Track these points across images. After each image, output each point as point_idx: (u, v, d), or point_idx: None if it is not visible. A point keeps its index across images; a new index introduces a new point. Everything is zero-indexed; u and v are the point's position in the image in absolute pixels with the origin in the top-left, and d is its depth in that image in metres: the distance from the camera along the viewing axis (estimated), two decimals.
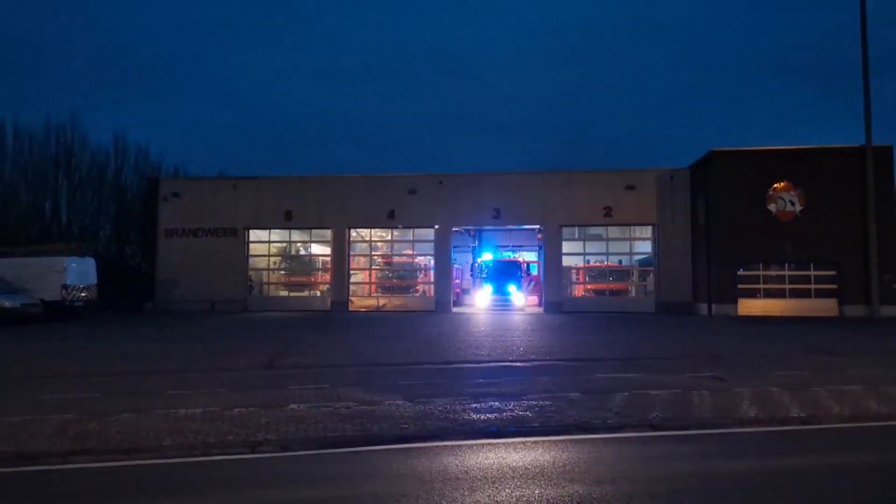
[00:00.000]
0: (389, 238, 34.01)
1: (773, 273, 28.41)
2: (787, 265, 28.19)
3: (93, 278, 27.71)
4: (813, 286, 27.86)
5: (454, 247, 33.16)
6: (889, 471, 6.06)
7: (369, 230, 33.53)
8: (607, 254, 32.51)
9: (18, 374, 11.96)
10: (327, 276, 32.90)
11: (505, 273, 32.65)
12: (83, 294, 26.77)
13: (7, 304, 23.73)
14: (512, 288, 31.99)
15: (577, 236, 32.34)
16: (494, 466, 6.12)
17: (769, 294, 28.22)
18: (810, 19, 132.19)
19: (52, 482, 5.95)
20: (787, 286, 28.18)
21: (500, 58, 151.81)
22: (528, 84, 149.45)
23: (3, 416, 8.04)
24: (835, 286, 27.50)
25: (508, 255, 35.66)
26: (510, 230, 36.35)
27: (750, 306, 27.66)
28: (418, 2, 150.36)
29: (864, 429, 7.80)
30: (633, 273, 32.58)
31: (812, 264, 27.89)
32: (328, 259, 32.86)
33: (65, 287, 25.87)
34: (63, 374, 12.00)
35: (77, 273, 26.65)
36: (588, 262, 32.68)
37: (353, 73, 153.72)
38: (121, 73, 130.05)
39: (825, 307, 27.29)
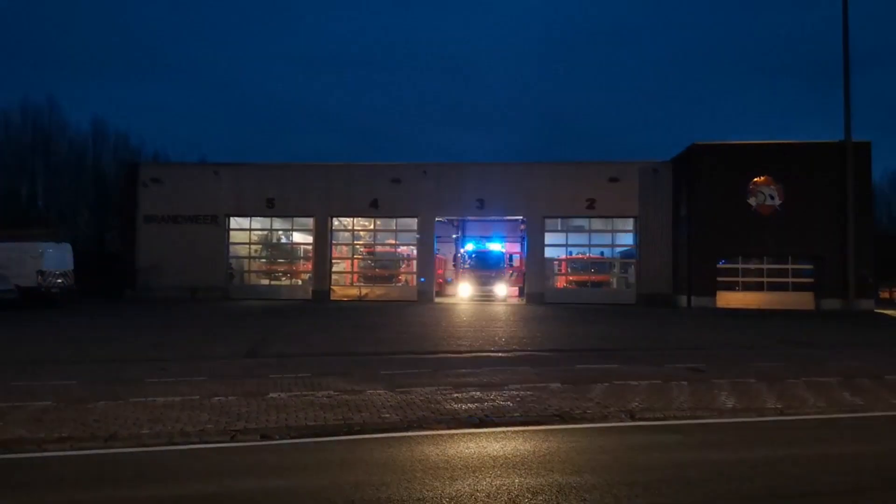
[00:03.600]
0: (372, 227, 33.88)
1: (752, 266, 28.76)
2: (765, 259, 28.55)
3: (69, 264, 27.29)
4: (791, 280, 28.26)
5: (437, 237, 33.10)
6: (864, 461, 6.16)
7: (352, 219, 33.36)
8: (590, 245, 32.66)
9: None
10: (309, 265, 32.72)
11: (488, 264, 32.69)
12: (59, 280, 26.37)
13: None
14: (494, 279, 32.04)
15: (559, 228, 32.44)
16: (475, 455, 6.14)
17: (747, 287, 28.57)
18: (794, 15, 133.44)
19: (27, 470, 5.85)
20: (766, 279, 28.57)
21: (485, 49, 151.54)
22: (512, 75, 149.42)
23: None
24: (812, 280, 27.91)
25: (491, 246, 35.65)
26: (493, 221, 36.33)
27: (728, 299, 27.98)
28: None
29: (839, 420, 7.92)
30: (614, 265, 32.79)
31: (790, 258, 28.27)
32: (310, 248, 32.66)
33: (41, 273, 25.46)
34: (39, 361, 11.82)
35: (54, 259, 26.24)
36: (570, 253, 32.81)
37: (337, 62, 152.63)
38: (100, 58, 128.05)
39: (802, 300, 27.69)
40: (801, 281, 28.07)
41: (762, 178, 27.83)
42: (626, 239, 31.99)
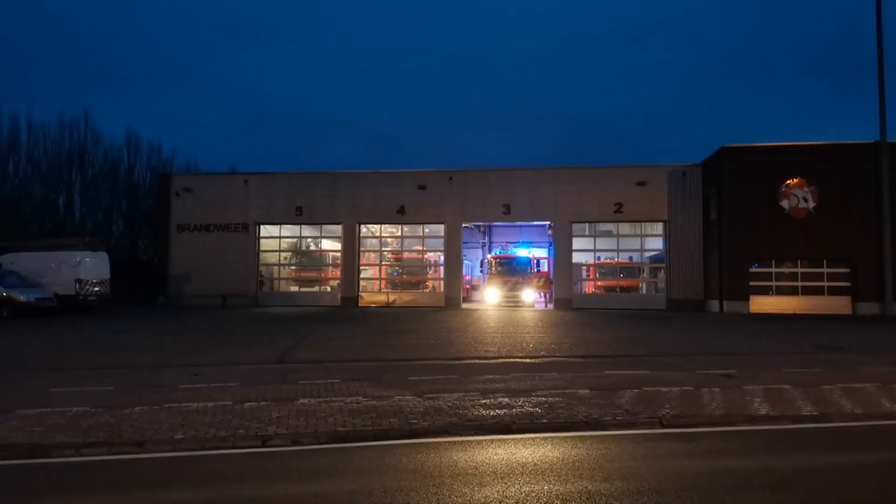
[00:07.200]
0: (399, 234, 34.03)
1: (786, 270, 28.20)
2: (799, 262, 27.97)
3: (106, 273, 27.95)
4: (826, 283, 27.64)
5: (464, 242, 33.12)
6: None
7: (379, 226, 33.58)
8: (618, 250, 32.37)
9: (32, 367, 12.11)
10: (337, 272, 33.00)
11: (515, 269, 32.58)
12: (96, 289, 27.01)
13: (21, 297, 24.00)
14: (522, 284, 31.92)
15: (587, 232, 32.21)
16: (503, 462, 6.13)
17: (781, 291, 28.03)
18: (825, 14, 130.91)
19: (66, 474, 6.02)
20: (800, 283, 27.97)
21: (510, 54, 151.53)
22: (538, 80, 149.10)
23: (17, 409, 8.14)
24: (848, 284, 27.27)
25: (518, 251, 35.55)
26: (520, 226, 36.27)
27: (762, 303, 27.49)
28: None
29: (877, 427, 7.74)
30: (643, 270, 32.45)
31: (825, 261, 27.66)
32: (338, 255, 32.96)
33: (79, 281, 26.12)
34: (76, 367, 12.12)
35: (91, 268, 26.90)
36: (598, 258, 32.54)
37: (363, 70, 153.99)
38: (133, 70, 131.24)
39: (838, 305, 27.08)
40: (837, 285, 27.45)
41: (795, 180, 27.32)
42: (656, 243, 31.63)
